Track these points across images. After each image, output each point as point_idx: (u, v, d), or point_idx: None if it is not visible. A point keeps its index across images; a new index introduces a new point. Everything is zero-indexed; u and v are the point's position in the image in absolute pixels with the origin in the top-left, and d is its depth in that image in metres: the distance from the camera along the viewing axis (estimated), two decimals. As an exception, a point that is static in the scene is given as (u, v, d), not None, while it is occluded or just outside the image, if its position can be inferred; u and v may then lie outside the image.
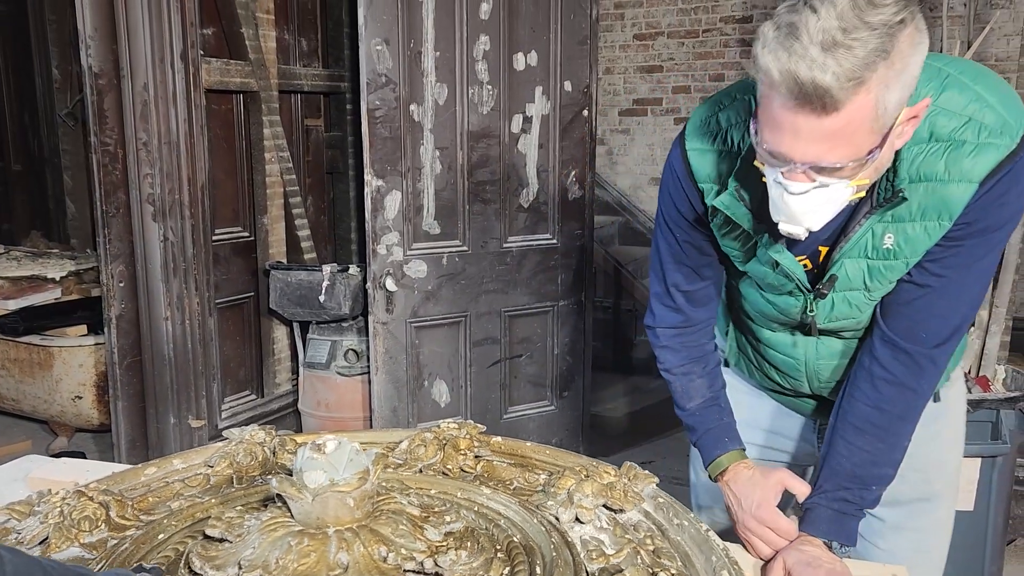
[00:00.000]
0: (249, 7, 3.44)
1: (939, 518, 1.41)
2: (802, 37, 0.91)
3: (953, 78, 1.08)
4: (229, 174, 3.48)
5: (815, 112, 0.93)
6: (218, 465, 1.36)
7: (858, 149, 0.97)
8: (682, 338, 1.41)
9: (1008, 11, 4.19)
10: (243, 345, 3.61)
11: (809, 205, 1.02)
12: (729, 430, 1.37)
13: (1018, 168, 1.05)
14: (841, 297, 1.22)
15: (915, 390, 1.20)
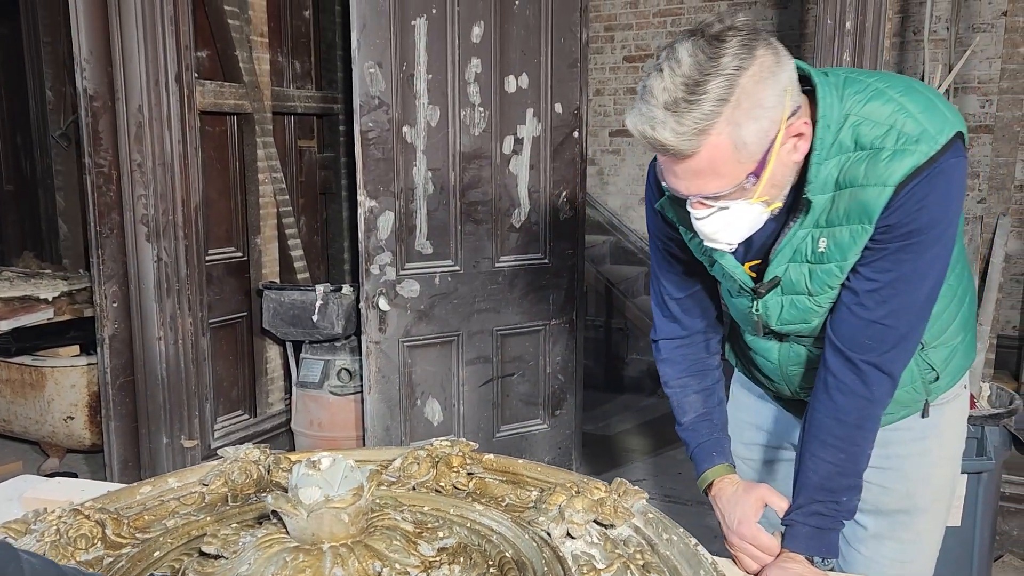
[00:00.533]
0: (243, 30, 3.48)
1: (921, 531, 1.43)
2: (650, 99, 1.04)
3: (879, 91, 1.15)
4: (223, 195, 3.51)
5: (676, 159, 1.07)
6: (213, 483, 1.38)
7: (731, 179, 1.08)
8: (681, 350, 1.46)
9: (989, 35, 4.27)
10: (236, 365, 3.62)
11: (716, 226, 1.15)
12: (718, 445, 1.40)
13: (935, 174, 1.10)
14: (789, 300, 1.28)
15: (867, 398, 1.22)
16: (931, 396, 1.38)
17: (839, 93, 1.16)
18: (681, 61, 1.03)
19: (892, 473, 1.29)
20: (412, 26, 2.93)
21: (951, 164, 1.11)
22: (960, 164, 1.13)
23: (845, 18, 2.78)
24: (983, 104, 4.41)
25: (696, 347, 1.46)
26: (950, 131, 1.11)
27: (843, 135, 1.14)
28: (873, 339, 1.20)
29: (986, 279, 3.10)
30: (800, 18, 4.87)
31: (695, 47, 1.03)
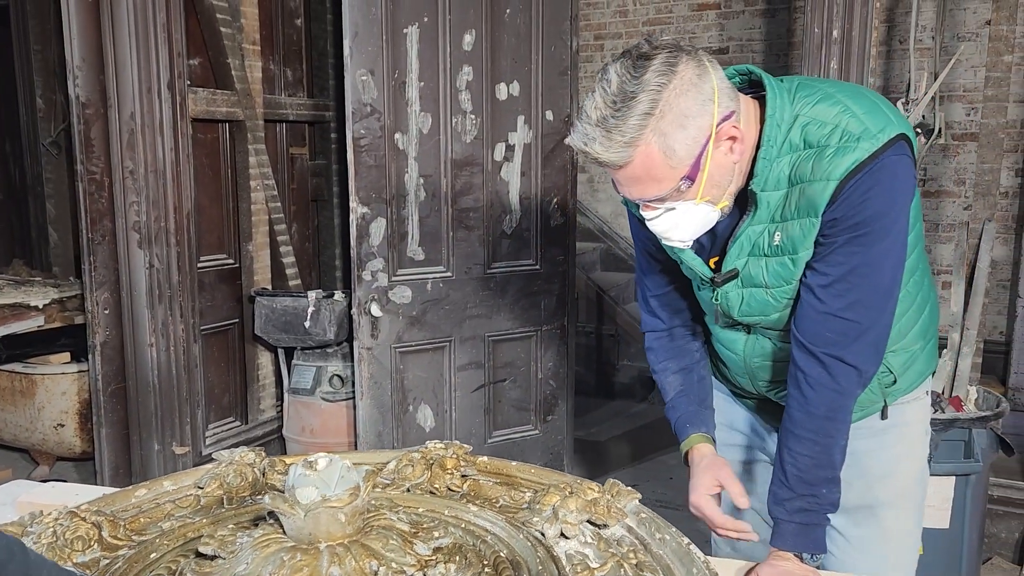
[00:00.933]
0: (235, 38, 3.49)
1: (889, 529, 1.45)
2: (584, 118, 1.16)
3: (828, 94, 1.23)
4: (214, 202, 3.51)
5: (614, 169, 1.18)
6: (208, 486, 1.38)
7: (667, 183, 1.18)
8: (662, 340, 1.54)
9: (974, 43, 4.33)
10: (227, 371, 3.62)
11: (666, 225, 1.25)
12: (694, 417, 1.45)
13: (877, 169, 1.17)
14: (748, 293, 1.34)
15: (836, 390, 1.26)
16: (889, 399, 1.43)
17: (790, 96, 1.24)
18: (611, 81, 1.14)
19: (852, 470, 1.33)
20: (404, 34, 2.95)
21: (893, 160, 1.18)
22: (902, 162, 1.19)
23: (832, 27, 2.82)
24: (968, 112, 4.46)
25: (676, 337, 1.53)
26: (892, 131, 1.18)
27: (793, 134, 1.23)
28: (834, 332, 1.25)
29: (972, 284, 3.13)
30: (788, 27, 4.92)
31: (623, 67, 1.14)
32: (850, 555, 1.44)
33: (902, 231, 1.23)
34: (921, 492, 1.51)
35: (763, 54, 5.02)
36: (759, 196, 1.25)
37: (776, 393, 1.47)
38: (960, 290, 2.94)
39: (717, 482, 1.34)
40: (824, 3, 2.81)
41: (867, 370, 1.27)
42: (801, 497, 1.27)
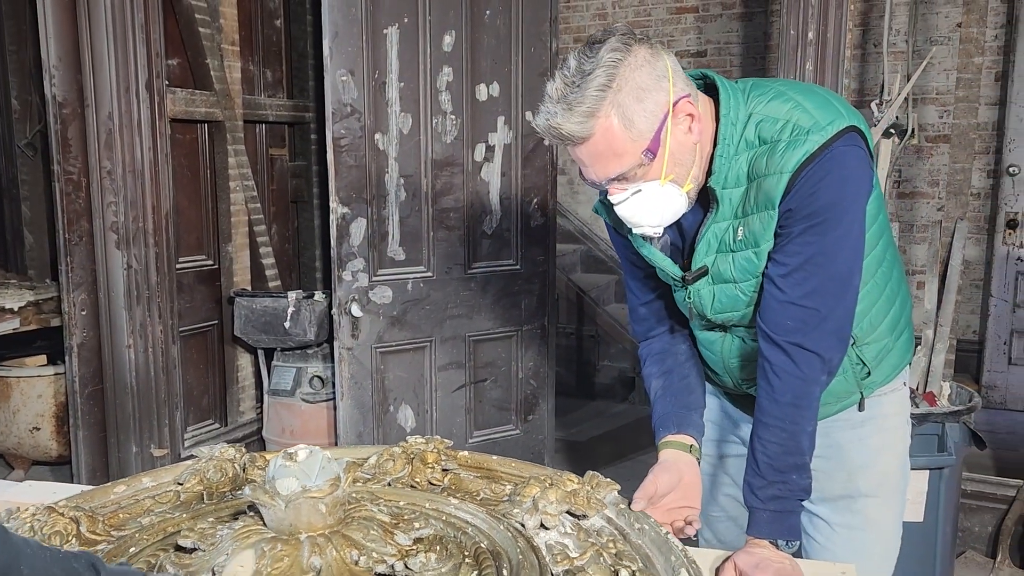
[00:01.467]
0: (214, 38, 3.48)
1: (871, 518, 1.48)
2: (546, 100, 1.21)
3: (780, 92, 1.28)
4: (193, 203, 3.49)
5: (576, 145, 1.21)
6: (188, 482, 1.38)
7: (629, 157, 1.21)
8: (650, 346, 1.56)
9: (946, 47, 4.40)
10: (207, 373, 3.60)
11: (633, 208, 1.26)
12: (669, 419, 1.45)
13: (827, 160, 1.21)
14: (719, 289, 1.37)
15: (800, 377, 1.28)
16: (866, 391, 1.45)
17: (744, 96, 1.28)
18: (569, 65, 1.20)
19: (833, 461, 1.36)
20: (384, 34, 2.95)
21: (843, 151, 1.21)
22: (853, 152, 1.22)
23: (807, 29, 2.86)
24: (942, 114, 4.53)
25: (664, 342, 1.55)
26: (842, 123, 1.22)
27: (748, 132, 1.27)
28: (794, 320, 1.27)
29: (945, 282, 3.19)
30: (764, 31, 4.98)
31: (580, 52, 1.20)
32: (834, 542, 1.47)
33: (857, 219, 1.26)
34: (903, 482, 1.53)
35: (740, 57, 5.07)
36: (720, 193, 1.28)
37: (754, 389, 1.48)
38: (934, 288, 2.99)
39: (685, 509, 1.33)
40: (799, 6, 2.85)
41: (830, 357, 1.30)
42: (772, 484, 1.29)
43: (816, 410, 1.31)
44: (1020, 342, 4.52)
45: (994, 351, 4.57)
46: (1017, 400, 4.52)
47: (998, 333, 4.56)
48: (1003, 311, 4.53)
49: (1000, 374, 4.58)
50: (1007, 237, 4.48)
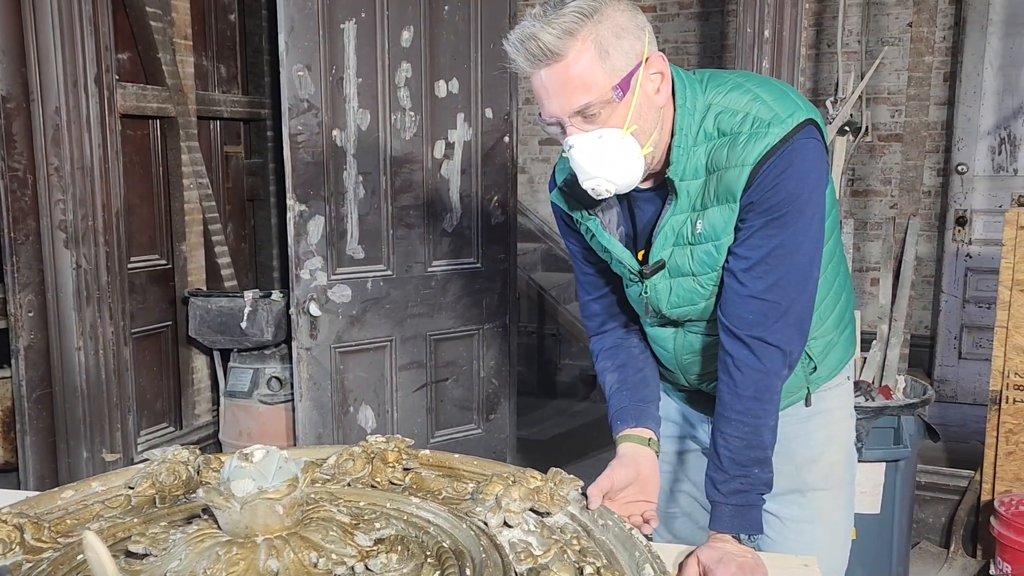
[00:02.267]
0: (166, 32, 3.40)
1: (820, 511, 1.49)
2: (524, 22, 1.18)
3: (738, 84, 1.27)
4: (146, 201, 3.41)
5: (549, 65, 1.16)
6: (140, 486, 1.33)
7: (599, 89, 1.17)
8: (602, 341, 1.54)
9: (897, 47, 4.49)
10: (160, 375, 3.52)
11: (592, 155, 1.21)
12: (626, 412, 1.44)
13: (788, 152, 1.20)
14: (676, 283, 1.36)
15: (761, 371, 1.28)
16: (812, 386, 1.46)
17: (702, 86, 1.27)
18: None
19: (780, 456, 1.34)
20: (341, 29, 2.91)
21: (802, 144, 1.21)
22: (811, 145, 1.23)
23: (764, 28, 2.89)
24: (893, 114, 4.62)
25: (617, 337, 1.53)
26: (800, 116, 1.22)
27: (706, 123, 1.25)
28: (756, 314, 1.27)
29: (899, 279, 3.24)
30: (721, 30, 5.02)
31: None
32: (785, 536, 1.47)
33: (817, 212, 1.26)
34: (850, 475, 1.55)
35: (698, 55, 5.11)
36: (678, 185, 1.26)
37: (707, 385, 1.49)
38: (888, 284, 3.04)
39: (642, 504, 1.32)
40: (756, 5, 2.88)
41: (791, 350, 1.30)
42: (735, 478, 1.28)
43: (778, 404, 1.31)
44: (970, 337, 4.63)
45: (945, 346, 4.68)
46: (967, 393, 4.62)
47: (948, 328, 4.66)
48: (953, 307, 4.64)
49: (951, 368, 4.68)
50: (956, 234, 4.58)
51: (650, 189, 1.34)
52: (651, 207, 1.34)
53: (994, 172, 4.52)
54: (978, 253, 4.55)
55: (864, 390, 2.58)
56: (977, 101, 4.48)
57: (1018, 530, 2.56)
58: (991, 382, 2.81)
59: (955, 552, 2.96)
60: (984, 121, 4.50)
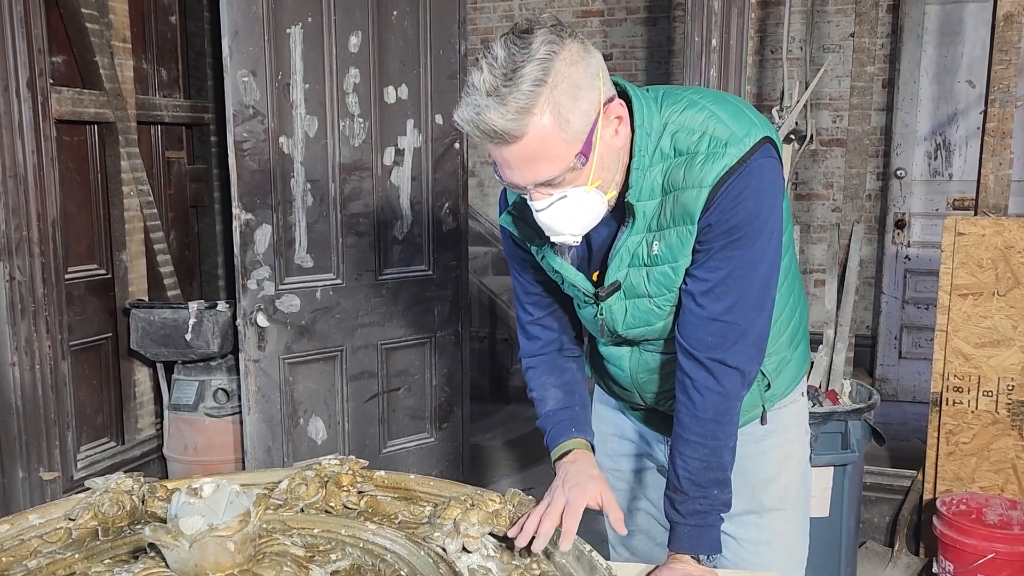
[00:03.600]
0: (103, 35, 3.29)
1: (776, 530, 1.49)
2: (473, 92, 1.10)
3: (693, 101, 1.24)
4: (84, 209, 3.29)
5: (507, 144, 1.11)
6: (81, 518, 1.28)
7: (561, 161, 1.13)
8: (540, 360, 1.50)
9: (838, 55, 4.59)
10: (101, 389, 3.40)
11: (559, 215, 1.18)
12: (578, 423, 1.42)
13: (746, 173, 1.19)
14: (632, 304, 1.33)
15: (721, 393, 1.27)
16: (767, 404, 1.46)
17: (657, 105, 1.25)
18: (497, 56, 1.10)
19: (736, 476, 1.33)
20: (287, 34, 2.85)
21: (760, 164, 1.20)
22: (769, 164, 1.22)
23: (711, 36, 2.92)
24: (835, 119, 4.72)
25: (556, 359, 1.50)
26: (757, 134, 1.21)
27: (663, 143, 1.23)
28: (715, 336, 1.26)
29: (844, 283, 3.31)
30: (668, 35, 5.07)
31: (508, 42, 1.10)
32: (742, 557, 1.46)
33: (775, 231, 1.25)
34: (805, 492, 1.55)
35: (645, 61, 5.16)
36: (635, 206, 1.24)
37: (664, 404, 1.47)
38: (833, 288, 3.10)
39: (598, 498, 1.28)
40: (704, 14, 2.91)
41: (749, 371, 1.30)
42: (694, 499, 1.28)
43: (736, 424, 1.31)
44: (909, 337, 4.77)
45: (886, 346, 4.80)
46: (907, 392, 4.76)
47: (889, 329, 4.79)
48: (893, 308, 4.77)
49: (892, 367, 4.81)
50: (896, 237, 4.71)
51: None
52: (606, 228, 1.31)
53: (931, 177, 4.66)
54: (916, 255, 4.69)
55: (812, 395, 2.63)
56: (914, 108, 4.61)
57: (959, 529, 2.63)
58: (932, 384, 2.89)
59: (899, 551, 3.04)
60: (921, 127, 4.63)
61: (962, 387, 2.84)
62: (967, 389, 2.83)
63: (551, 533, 1.19)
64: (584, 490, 1.26)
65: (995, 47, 2.83)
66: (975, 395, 2.83)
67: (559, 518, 1.20)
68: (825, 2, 4.67)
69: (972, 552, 2.59)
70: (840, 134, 4.66)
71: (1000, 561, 2.55)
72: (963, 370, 2.83)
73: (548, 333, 1.49)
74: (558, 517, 1.20)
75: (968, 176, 4.51)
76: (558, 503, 1.22)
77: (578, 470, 1.32)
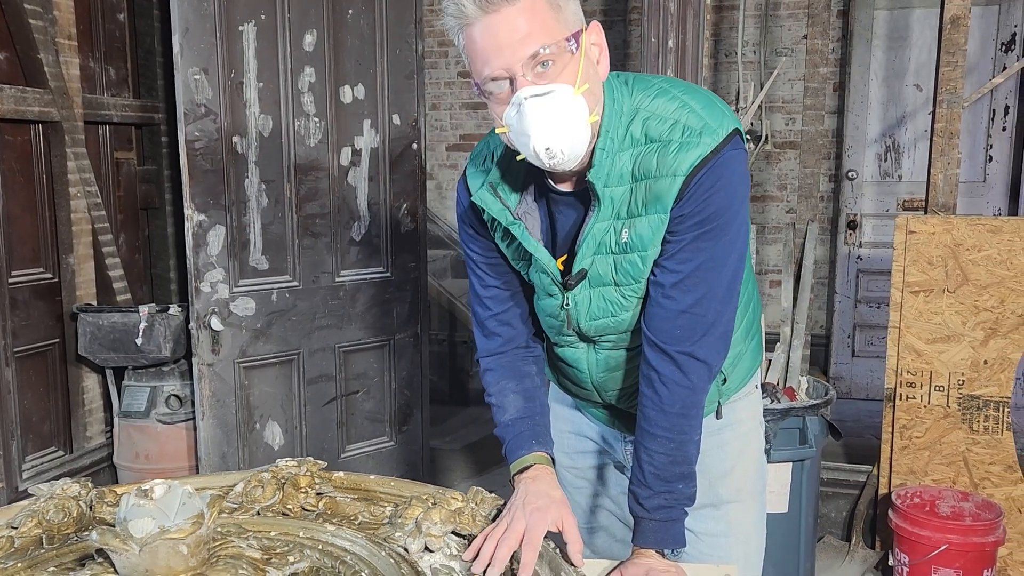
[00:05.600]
0: (48, 32, 3.19)
1: (733, 522, 1.49)
2: None
3: (664, 89, 1.24)
4: (28, 211, 3.19)
5: (499, 11, 1.09)
6: (24, 525, 1.23)
7: (556, 33, 1.11)
8: (499, 359, 1.46)
9: (791, 58, 4.67)
10: (47, 396, 3.29)
11: (546, 112, 1.12)
12: (538, 435, 1.39)
13: (719, 164, 1.19)
14: (597, 293, 1.32)
15: (687, 387, 1.27)
16: (723, 397, 1.46)
17: (628, 88, 1.24)
18: None
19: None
20: (240, 31, 2.80)
21: (732, 155, 1.20)
22: (739, 156, 1.22)
23: (667, 37, 2.94)
24: (787, 122, 4.80)
25: (516, 359, 1.46)
26: (729, 126, 1.20)
27: (633, 128, 1.21)
28: (684, 329, 1.25)
29: (799, 282, 3.36)
30: (624, 38, 5.11)
31: None
32: (700, 550, 1.45)
33: (743, 224, 1.25)
34: (761, 484, 1.55)
35: (603, 64, 5.18)
36: (601, 191, 1.22)
37: (624, 403, 1.46)
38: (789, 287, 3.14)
39: (559, 522, 1.24)
40: (660, 16, 2.93)
41: (716, 364, 1.29)
42: (659, 494, 1.27)
43: (701, 418, 1.30)
44: (862, 335, 4.86)
45: (839, 344, 4.89)
46: (860, 389, 4.85)
47: (842, 327, 4.87)
48: (846, 307, 4.86)
49: (845, 365, 4.90)
50: (848, 237, 4.80)
51: (571, 193, 1.29)
52: (572, 212, 1.29)
53: (881, 178, 4.77)
54: (868, 255, 4.79)
55: (770, 392, 2.65)
56: (864, 111, 4.71)
57: (913, 521, 2.68)
58: (886, 380, 2.94)
59: (856, 544, 3.08)
60: (871, 129, 4.74)
61: (915, 382, 2.89)
62: (919, 384, 2.89)
63: (507, 560, 1.15)
64: (545, 515, 1.22)
65: (942, 49, 2.89)
66: (927, 390, 2.88)
67: (517, 543, 1.17)
68: (777, 6, 4.75)
69: (926, 544, 2.63)
70: (793, 136, 4.74)
71: (953, 552, 2.60)
72: (915, 366, 2.88)
73: (508, 330, 1.45)
74: (516, 543, 1.17)
75: (917, 177, 4.63)
76: (517, 528, 1.19)
77: (539, 490, 1.28)
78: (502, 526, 1.20)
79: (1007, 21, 4.46)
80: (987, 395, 2.83)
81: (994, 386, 2.82)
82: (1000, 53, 4.47)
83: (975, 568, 2.62)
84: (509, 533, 1.18)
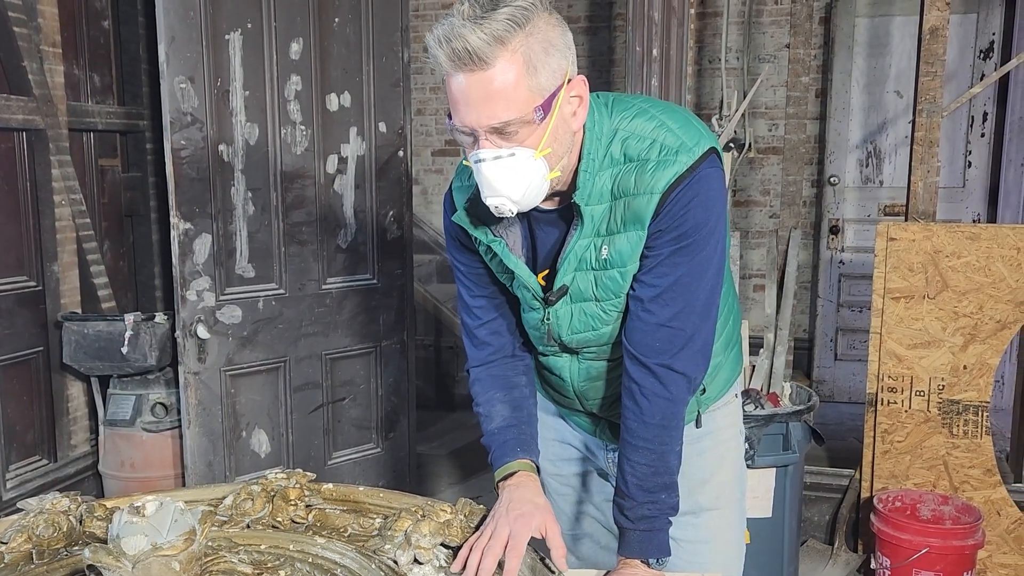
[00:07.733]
0: (32, 39, 3.18)
1: (713, 530, 1.51)
2: (453, 19, 1.12)
3: (643, 109, 1.27)
4: (11, 218, 3.17)
5: (473, 72, 1.11)
6: (13, 541, 1.23)
7: (521, 106, 1.13)
8: (489, 369, 1.48)
9: (774, 65, 4.71)
10: (31, 405, 3.28)
11: (502, 173, 1.17)
12: (524, 443, 1.40)
13: (695, 181, 1.22)
14: (578, 308, 1.35)
15: (668, 398, 1.29)
16: (702, 407, 1.49)
17: (608, 110, 1.27)
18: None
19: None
20: (226, 40, 2.80)
21: (708, 173, 1.23)
22: (716, 174, 1.25)
23: (652, 45, 2.97)
24: (771, 128, 4.85)
25: (504, 368, 1.48)
26: (705, 144, 1.24)
27: (613, 148, 1.25)
28: (663, 342, 1.28)
29: (783, 288, 3.39)
30: (609, 45, 5.14)
31: None
32: (680, 557, 1.47)
33: (721, 239, 1.28)
34: (740, 492, 1.58)
35: (587, 69, 5.21)
36: (583, 210, 1.25)
37: (607, 411, 1.49)
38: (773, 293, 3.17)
39: (543, 528, 1.27)
40: (644, 24, 2.96)
41: (695, 376, 1.32)
42: (642, 505, 1.29)
43: (682, 429, 1.32)
44: (844, 339, 4.91)
45: (822, 348, 4.94)
46: (843, 393, 4.90)
47: (825, 331, 4.92)
48: (829, 311, 4.90)
49: (828, 369, 4.95)
50: (830, 242, 4.85)
51: (554, 210, 1.32)
52: (554, 230, 1.32)
53: (862, 183, 4.82)
54: (850, 260, 4.84)
55: (754, 398, 2.68)
56: (846, 117, 4.76)
57: (895, 525, 2.71)
58: (867, 385, 2.97)
59: (839, 548, 3.12)
60: (852, 135, 4.79)
61: (896, 387, 2.93)
62: (901, 389, 2.93)
63: (493, 568, 1.17)
64: (529, 521, 1.24)
65: (922, 59, 2.93)
66: (908, 395, 2.92)
67: (502, 551, 1.19)
68: (760, 14, 4.80)
69: (907, 547, 2.67)
70: (776, 142, 4.79)
71: (934, 555, 2.64)
72: (897, 371, 2.92)
73: (498, 339, 1.47)
74: (501, 550, 1.19)
75: (897, 183, 4.68)
76: (501, 535, 1.21)
77: (522, 497, 1.30)
78: (487, 533, 1.22)
79: (985, 29, 4.52)
80: (966, 400, 2.88)
81: (973, 391, 2.87)
82: (979, 60, 4.54)
83: (955, 571, 2.66)
84: (494, 540, 1.20)
